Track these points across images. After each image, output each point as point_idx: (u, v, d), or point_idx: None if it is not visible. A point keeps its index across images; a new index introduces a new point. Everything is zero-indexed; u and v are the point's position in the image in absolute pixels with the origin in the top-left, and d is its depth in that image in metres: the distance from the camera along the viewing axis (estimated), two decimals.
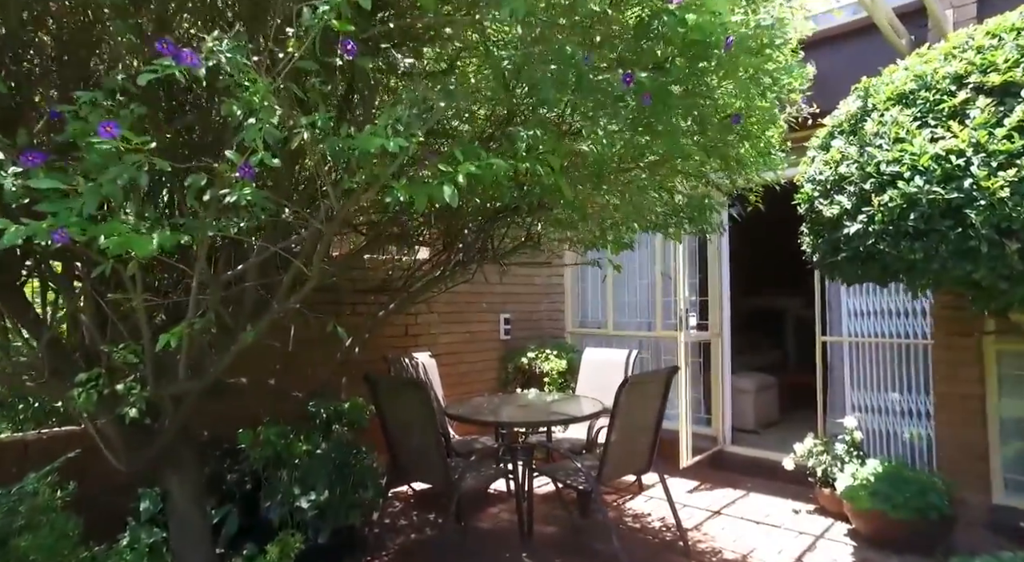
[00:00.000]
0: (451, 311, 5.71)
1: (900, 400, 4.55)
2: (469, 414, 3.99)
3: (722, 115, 2.37)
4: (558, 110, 2.07)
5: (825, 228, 3.15)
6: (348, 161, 1.43)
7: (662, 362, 5.89)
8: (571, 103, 2.03)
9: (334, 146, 1.27)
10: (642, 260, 6.07)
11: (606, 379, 4.92)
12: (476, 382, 5.94)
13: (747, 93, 2.34)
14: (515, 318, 6.30)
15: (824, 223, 3.14)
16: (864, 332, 4.72)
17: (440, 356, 5.55)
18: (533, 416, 4.11)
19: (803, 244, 3.51)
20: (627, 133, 2.04)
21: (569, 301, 6.59)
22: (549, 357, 5.88)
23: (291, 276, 1.84)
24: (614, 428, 3.44)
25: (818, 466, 4.27)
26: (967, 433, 3.85)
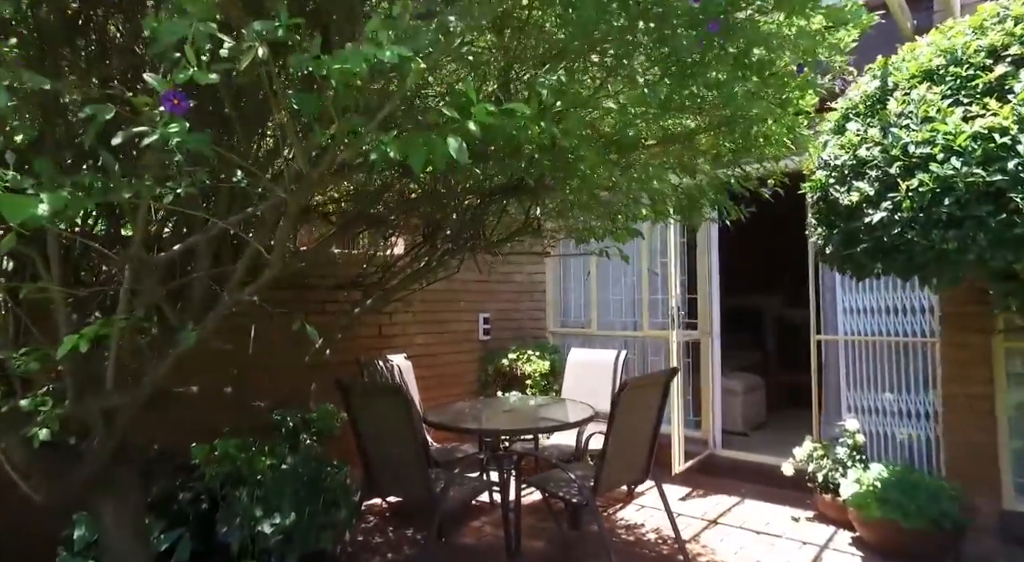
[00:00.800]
0: (427, 310, 5.36)
1: (900, 401, 4.36)
2: (451, 421, 3.65)
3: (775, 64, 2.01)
4: (581, 64, 1.72)
5: (840, 217, 2.90)
6: (320, 112, 1.10)
7: (649, 363, 5.63)
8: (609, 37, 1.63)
9: (302, 66, 0.93)
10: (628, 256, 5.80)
11: (593, 381, 4.64)
12: (454, 385, 5.59)
13: (809, 40, 1.98)
14: (495, 317, 5.98)
15: (839, 212, 2.89)
16: (861, 330, 4.52)
17: (416, 358, 5.19)
18: (520, 423, 3.79)
19: (813, 235, 3.27)
20: (667, 84, 1.71)
21: (551, 300, 6.29)
22: (531, 358, 5.57)
23: (247, 260, 1.49)
24: (611, 435, 3.14)
25: (818, 471, 4.04)
26: (977, 435, 3.65)
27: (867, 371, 4.49)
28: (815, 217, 3.28)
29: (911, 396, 4.32)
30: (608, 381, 4.57)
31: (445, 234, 3.07)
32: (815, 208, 3.24)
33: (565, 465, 3.68)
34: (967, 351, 3.69)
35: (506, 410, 4.01)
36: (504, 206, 2.77)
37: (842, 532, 3.86)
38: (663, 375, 3.45)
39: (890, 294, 4.40)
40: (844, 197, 2.80)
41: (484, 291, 5.91)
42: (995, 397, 3.62)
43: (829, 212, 3.03)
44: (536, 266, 6.32)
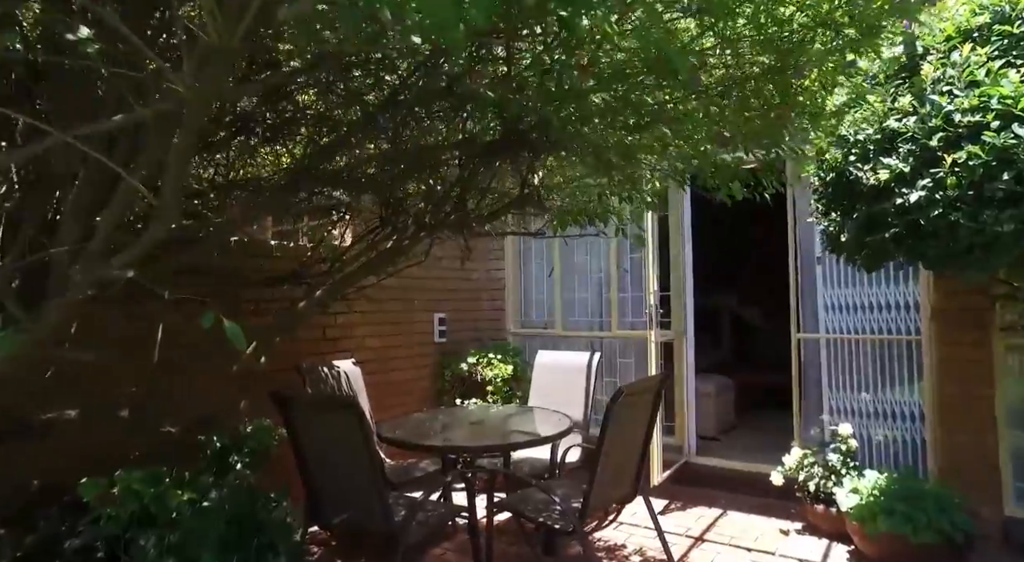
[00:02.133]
0: (377, 310, 4.78)
1: (885, 402, 4.11)
2: (410, 437, 3.13)
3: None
4: None
5: (861, 200, 2.55)
6: None
7: (618, 366, 5.23)
8: None
9: None
10: (594, 252, 5.41)
11: (564, 387, 4.19)
12: (408, 393, 5.04)
13: None
14: (451, 318, 5.46)
15: (860, 194, 2.54)
16: (844, 328, 4.26)
17: (366, 363, 4.61)
18: (490, 437, 3.29)
19: (821, 222, 2.93)
20: None
21: (511, 298, 5.82)
22: (492, 362, 5.08)
23: (117, 208, 0.95)
24: (603, 451, 2.70)
25: (809, 480, 3.72)
26: (978, 438, 3.41)
27: (850, 371, 4.23)
28: (822, 202, 2.94)
29: (896, 397, 4.09)
30: (581, 386, 4.14)
31: (419, 208, 2.53)
32: (823, 192, 2.90)
33: (543, 484, 3.22)
34: (965, 349, 3.45)
35: (472, 422, 3.51)
36: (497, 169, 2.27)
37: (837, 546, 3.55)
38: (656, 380, 3.03)
39: (872, 290, 4.16)
40: (868, 176, 2.45)
41: (439, 289, 5.38)
42: (995, 397, 3.39)
43: (844, 195, 2.69)
44: (495, 263, 5.84)
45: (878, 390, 4.14)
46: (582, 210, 2.77)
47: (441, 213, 2.37)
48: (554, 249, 5.54)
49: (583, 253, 5.45)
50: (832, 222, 2.79)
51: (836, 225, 2.76)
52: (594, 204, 2.68)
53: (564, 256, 5.52)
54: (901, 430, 4.06)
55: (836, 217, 2.73)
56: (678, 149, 2.27)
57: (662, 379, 3.05)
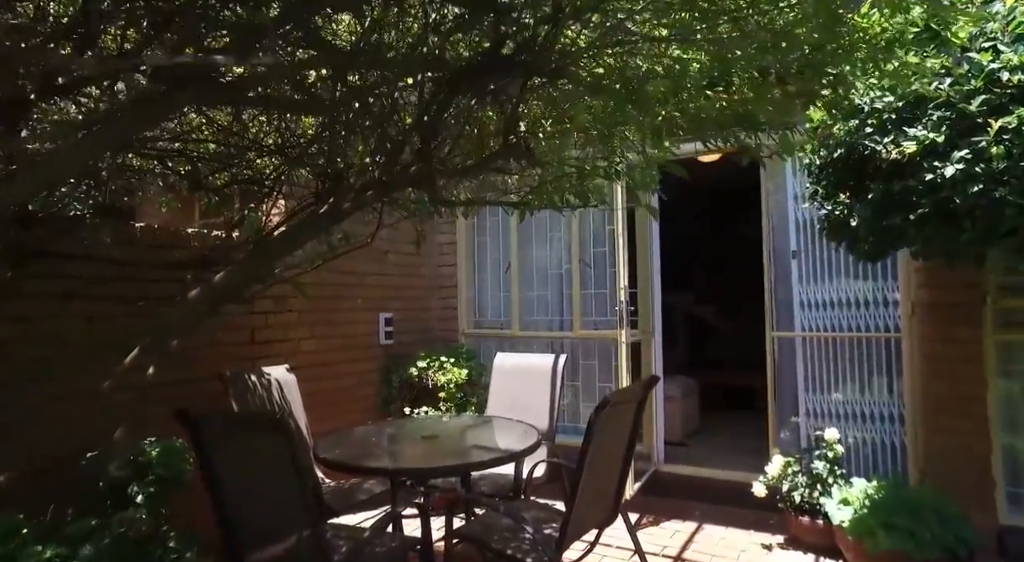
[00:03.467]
0: (315, 309, 4.23)
1: (864, 403, 3.87)
2: (353, 458, 2.63)
3: None
4: None
5: (878, 178, 2.22)
6: None
7: (581, 368, 4.84)
8: None
9: None
10: (554, 246, 5.00)
11: (526, 393, 3.76)
12: (351, 402, 4.49)
13: None
14: (398, 318, 4.94)
15: (877, 171, 2.22)
16: (821, 326, 4.00)
17: (302, 370, 4.05)
18: (448, 456, 2.82)
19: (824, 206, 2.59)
20: None
21: (464, 296, 5.34)
22: (445, 366, 4.60)
23: None
24: (585, 470, 2.27)
25: (794, 490, 3.42)
26: (969, 442, 3.17)
27: (827, 371, 3.98)
28: (823, 184, 2.61)
29: (876, 397, 3.85)
30: (545, 392, 3.71)
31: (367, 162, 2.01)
32: (825, 172, 2.57)
33: (510, 507, 2.77)
34: (956, 347, 3.21)
35: (424, 436, 3.02)
36: (471, 107, 1.79)
37: (825, 561, 3.25)
38: (641, 387, 2.63)
39: (850, 285, 3.91)
40: (889, 150, 2.11)
41: (385, 286, 4.86)
42: (988, 398, 3.16)
43: (855, 173, 2.36)
44: (446, 258, 5.36)
45: (856, 391, 3.90)
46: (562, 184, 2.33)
47: (396, 165, 1.87)
48: (511, 242, 5.11)
49: (542, 247, 5.04)
50: (838, 205, 2.46)
51: (843, 208, 2.43)
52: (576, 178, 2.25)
53: (522, 250, 5.10)
54: (880, 433, 3.83)
55: (844, 199, 2.40)
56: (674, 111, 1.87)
57: (647, 385, 2.65)
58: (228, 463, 2.15)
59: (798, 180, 4.08)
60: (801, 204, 4.04)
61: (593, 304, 4.77)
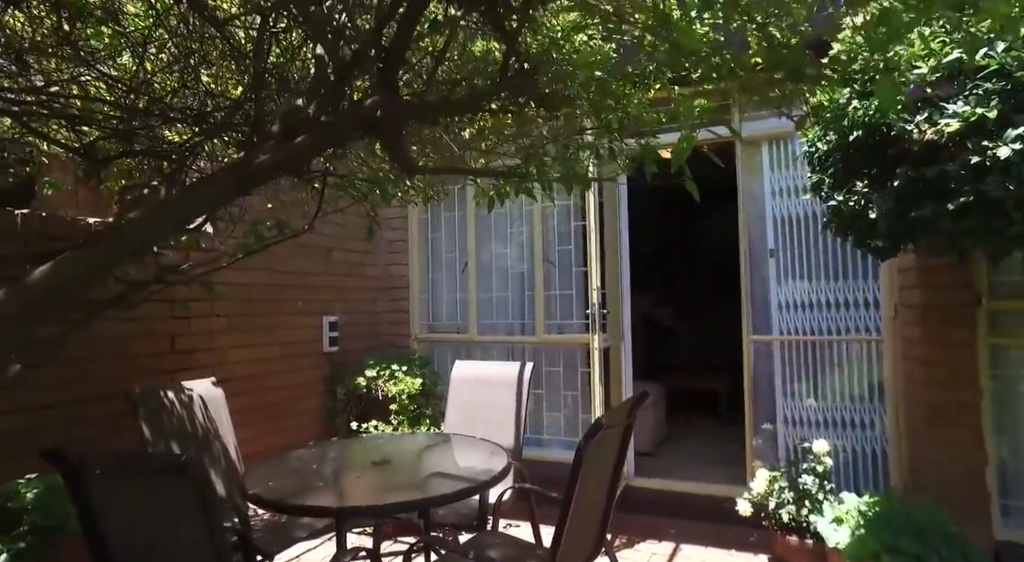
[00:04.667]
0: (249, 313, 3.71)
1: (844, 409, 3.65)
2: (292, 495, 2.16)
3: None
4: None
5: (905, 162, 1.93)
6: None
7: (544, 375, 4.47)
8: None
9: None
10: (515, 242, 4.62)
11: (489, 406, 3.35)
12: (292, 417, 3.98)
13: None
14: (344, 322, 4.45)
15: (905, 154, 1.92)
16: (800, 329, 3.76)
17: (232, 383, 3.52)
18: (404, 487, 2.38)
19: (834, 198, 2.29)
20: None
21: (416, 298, 4.89)
22: (396, 374, 4.14)
23: None
24: (571, 508, 1.89)
25: (781, 507, 3.14)
26: (964, 452, 2.96)
27: (806, 376, 3.74)
28: (831, 172, 2.31)
29: (856, 404, 3.63)
30: (510, 405, 3.32)
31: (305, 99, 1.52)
32: (835, 158, 2.28)
33: (476, 543, 2.36)
34: (949, 351, 2.99)
35: (375, 462, 2.57)
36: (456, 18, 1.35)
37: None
38: (630, 406, 2.27)
39: (830, 286, 3.69)
40: (924, 128, 1.82)
41: (329, 287, 4.37)
42: (982, 405, 2.95)
43: (876, 158, 2.06)
44: (397, 256, 4.89)
45: (836, 397, 3.68)
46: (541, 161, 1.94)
47: (343, 98, 1.40)
48: (468, 239, 4.70)
49: (502, 244, 4.64)
50: (852, 195, 2.16)
51: (859, 198, 2.13)
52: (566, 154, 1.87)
53: (480, 248, 4.69)
54: (862, 440, 3.61)
55: (861, 187, 2.11)
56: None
57: (637, 403, 2.29)
58: (120, 516, 1.65)
59: (776, 175, 3.84)
60: (782, 199, 3.80)
61: (557, 306, 4.41)
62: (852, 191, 2.15)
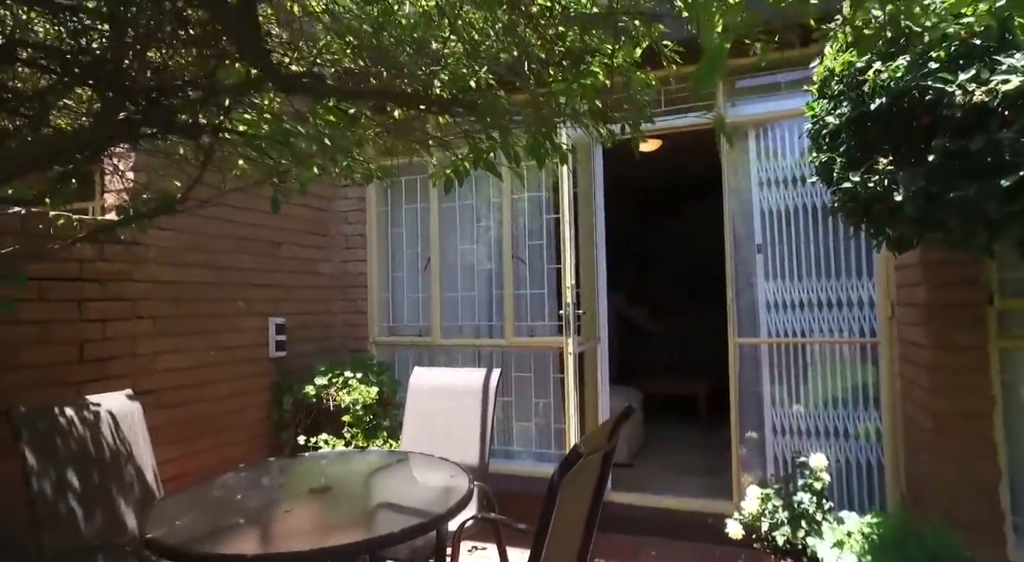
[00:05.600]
0: (179, 314, 3.26)
1: (837, 417, 3.36)
2: (193, 541, 1.74)
3: None
4: None
5: (939, 133, 1.61)
6: None
7: (513, 381, 4.10)
8: None
9: None
10: (482, 238, 4.24)
11: (451, 419, 2.97)
12: (231, 431, 3.53)
13: None
14: (293, 324, 4.01)
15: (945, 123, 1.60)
16: (788, 331, 3.46)
17: (158, 393, 3.08)
18: (346, 524, 1.98)
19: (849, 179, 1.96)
20: None
21: (375, 298, 4.47)
22: (350, 382, 3.73)
23: None
24: (549, 545, 1.52)
25: (775, 529, 2.82)
26: (974, 466, 2.67)
27: (796, 381, 3.44)
28: (844, 151, 1.98)
29: (850, 411, 3.35)
30: (475, 417, 2.94)
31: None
32: (848, 134, 1.95)
33: None
34: (957, 355, 2.70)
35: (314, 489, 2.16)
36: None
37: None
38: (612, 425, 1.91)
39: (819, 284, 3.40)
40: (968, 90, 1.49)
41: (276, 285, 3.93)
42: (994, 414, 2.68)
43: (904, 130, 1.74)
44: (354, 253, 4.47)
45: (828, 404, 3.39)
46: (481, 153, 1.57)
47: None
48: (431, 233, 4.30)
49: (468, 239, 4.26)
50: (871, 175, 1.83)
51: (880, 178, 1.80)
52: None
53: (444, 243, 4.30)
54: (856, 451, 3.33)
55: (884, 166, 1.78)
56: None
57: (618, 422, 1.92)
58: None
59: (764, 164, 3.54)
60: (771, 191, 3.49)
61: (528, 307, 4.04)
62: (872, 170, 1.82)
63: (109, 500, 2.32)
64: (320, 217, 4.33)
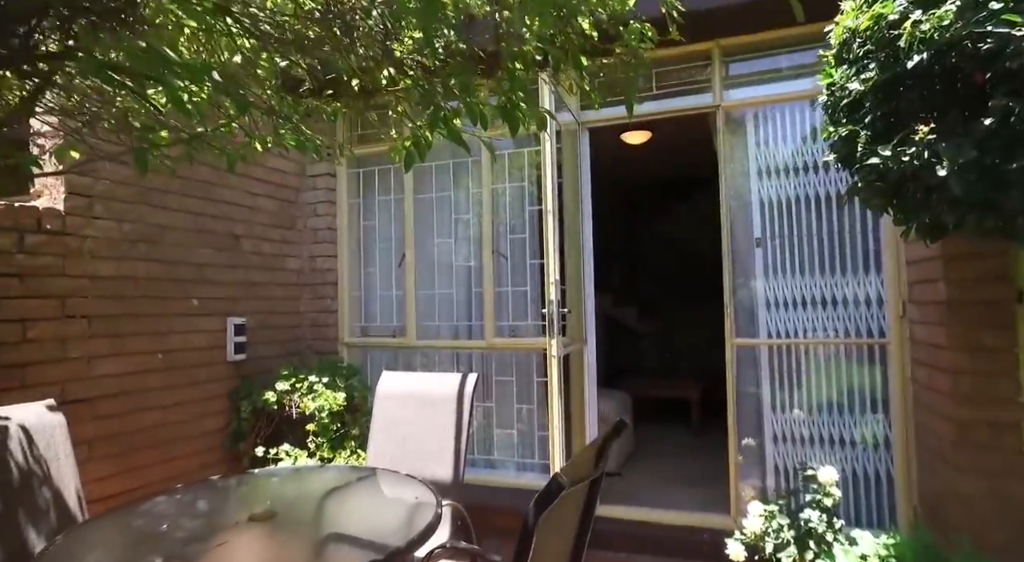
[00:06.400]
0: (120, 313, 2.91)
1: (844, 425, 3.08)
2: None
3: None
4: None
5: (998, 92, 1.32)
6: None
7: (493, 386, 3.79)
8: None
9: None
10: (462, 232, 3.92)
11: (422, 430, 2.65)
12: (180, 443, 3.18)
13: None
14: (254, 324, 3.67)
15: (1006, 78, 1.31)
16: (790, 331, 3.18)
17: (93, 403, 2.74)
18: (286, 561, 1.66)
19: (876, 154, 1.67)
20: None
21: (346, 296, 4.14)
22: (315, 388, 3.39)
23: None
24: None
25: (781, 550, 2.52)
26: (1003, 484, 2.39)
27: (798, 385, 3.17)
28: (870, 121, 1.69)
29: (854, 417, 3.08)
30: (448, 428, 2.63)
31: None
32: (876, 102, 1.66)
33: None
34: (984, 358, 2.42)
35: (255, 516, 1.84)
36: None
37: None
38: (597, 448, 1.60)
39: (824, 280, 3.13)
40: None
41: (237, 282, 3.59)
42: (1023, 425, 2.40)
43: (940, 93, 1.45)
44: (323, 247, 4.13)
45: (833, 410, 3.11)
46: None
47: None
48: (406, 227, 3.98)
49: (446, 233, 3.94)
50: (912, 146, 1.54)
51: (919, 151, 1.51)
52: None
53: (420, 237, 3.98)
54: (864, 460, 3.06)
55: (924, 135, 1.49)
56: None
57: (607, 442, 1.62)
58: None
59: (764, 151, 3.25)
60: (771, 180, 3.21)
61: (510, 305, 3.73)
62: (907, 142, 1.52)
63: (13, 529, 1.98)
64: (286, 209, 3.99)
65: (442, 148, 3.89)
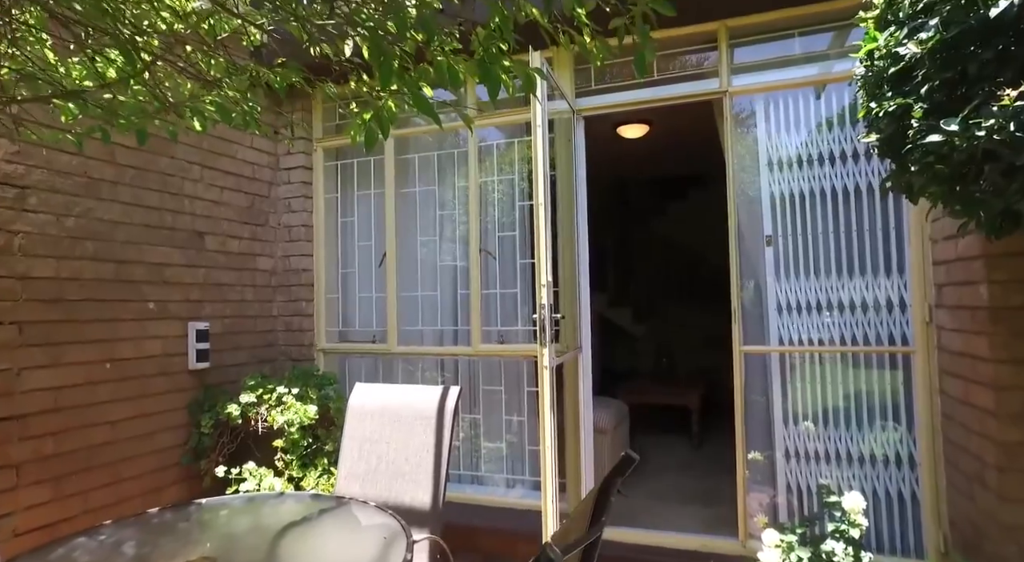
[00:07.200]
0: (59, 318, 2.58)
1: (864, 441, 2.79)
2: None
3: None
4: None
5: None
6: None
7: (480, 396, 3.47)
8: None
9: None
10: (447, 230, 3.60)
11: (398, 450, 2.34)
12: (128, 462, 2.84)
13: None
14: (220, 330, 3.34)
15: None
16: (804, 338, 2.89)
17: (20, 422, 2.40)
18: None
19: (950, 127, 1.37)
20: None
21: (322, 298, 3.81)
22: (284, 399, 3.07)
23: None
24: None
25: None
26: None
27: (812, 396, 2.88)
28: (928, 91, 1.39)
29: (875, 433, 2.79)
30: (428, 448, 2.31)
31: None
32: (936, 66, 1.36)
33: None
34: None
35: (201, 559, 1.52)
36: None
37: None
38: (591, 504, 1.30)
39: (841, 282, 2.84)
40: None
41: (200, 284, 3.25)
42: None
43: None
44: (298, 245, 3.80)
45: (852, 424, 2.82)
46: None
47: None
48: (387, 223, 3.65)
49: (430, 230, 3.62)
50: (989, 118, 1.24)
51: (998, 124, 1.21)
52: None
53: (402, 236, 3.66)
54: (885, 480, 2.77)
55: (1010, 101, 1.18)
56: None
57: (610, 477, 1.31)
58: None
59: (776, 141, 2.96)
60: (783, 172, 2.92)
61: (498, 309, 3.42)
62: (983, 112, 1.22)
63: None
64: (257, 203, 3.66)
65: (427, 139, 3.59)
